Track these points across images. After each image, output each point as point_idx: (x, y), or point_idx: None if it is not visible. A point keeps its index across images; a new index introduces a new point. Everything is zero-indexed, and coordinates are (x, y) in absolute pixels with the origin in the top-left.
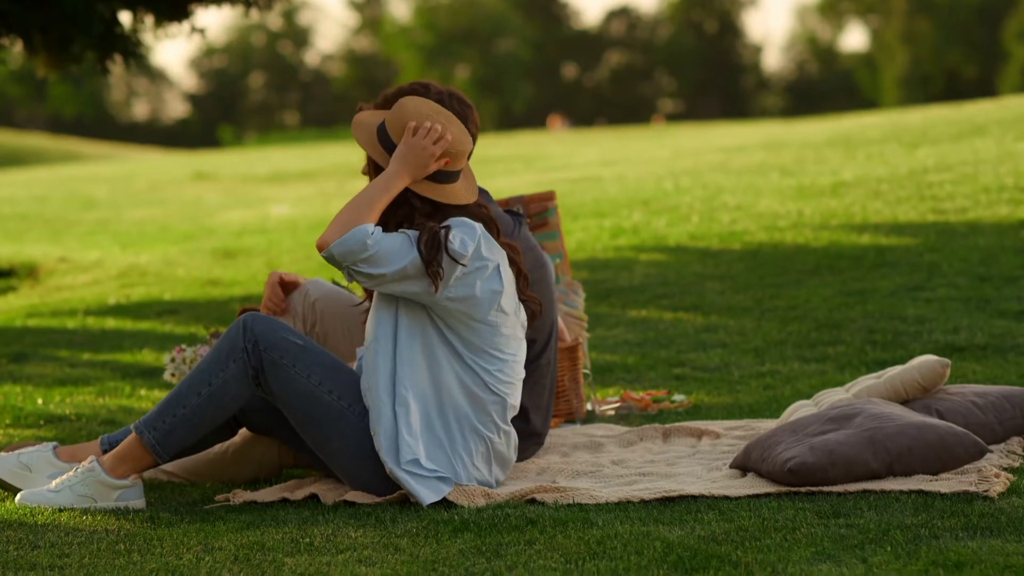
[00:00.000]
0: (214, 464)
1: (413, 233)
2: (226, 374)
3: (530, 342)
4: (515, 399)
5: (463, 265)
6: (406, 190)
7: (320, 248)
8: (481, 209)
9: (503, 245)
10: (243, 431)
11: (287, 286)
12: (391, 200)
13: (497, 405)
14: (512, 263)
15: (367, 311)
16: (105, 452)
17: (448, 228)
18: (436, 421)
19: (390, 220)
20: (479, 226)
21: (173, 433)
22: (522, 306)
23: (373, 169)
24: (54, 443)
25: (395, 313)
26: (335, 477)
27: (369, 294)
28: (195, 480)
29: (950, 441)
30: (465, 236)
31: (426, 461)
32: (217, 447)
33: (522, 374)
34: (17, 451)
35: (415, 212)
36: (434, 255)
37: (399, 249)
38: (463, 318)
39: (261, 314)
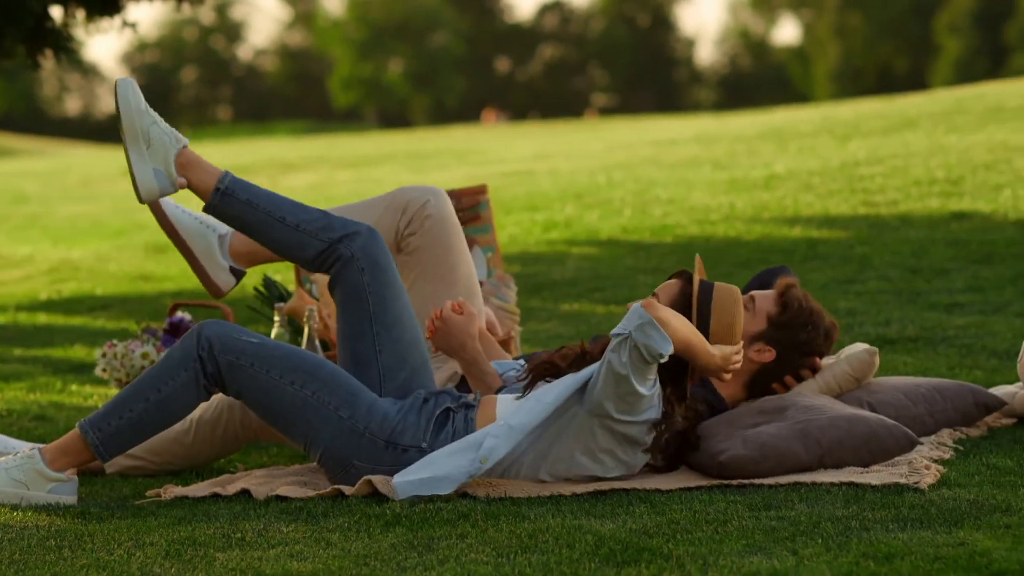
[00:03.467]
0: (177, 443)
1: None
2: (176, 382)
3: None
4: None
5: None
6: (691, 369)
7: (646, 306)
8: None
9: None
10: (204, 405)
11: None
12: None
13: None
14: None
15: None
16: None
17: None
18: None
19: (662, 370)
20: None
21: (117, 436)
22: None
23: (676, 297)
24: None
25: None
26: (277, 465)
27: (576, 364)
28: (158, 460)
29: (881, 433)
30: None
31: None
32: (179, 426)
33: None
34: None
35: (677, 390)
36: (664, 429)
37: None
38: (591, 431)
39: (214, 319)
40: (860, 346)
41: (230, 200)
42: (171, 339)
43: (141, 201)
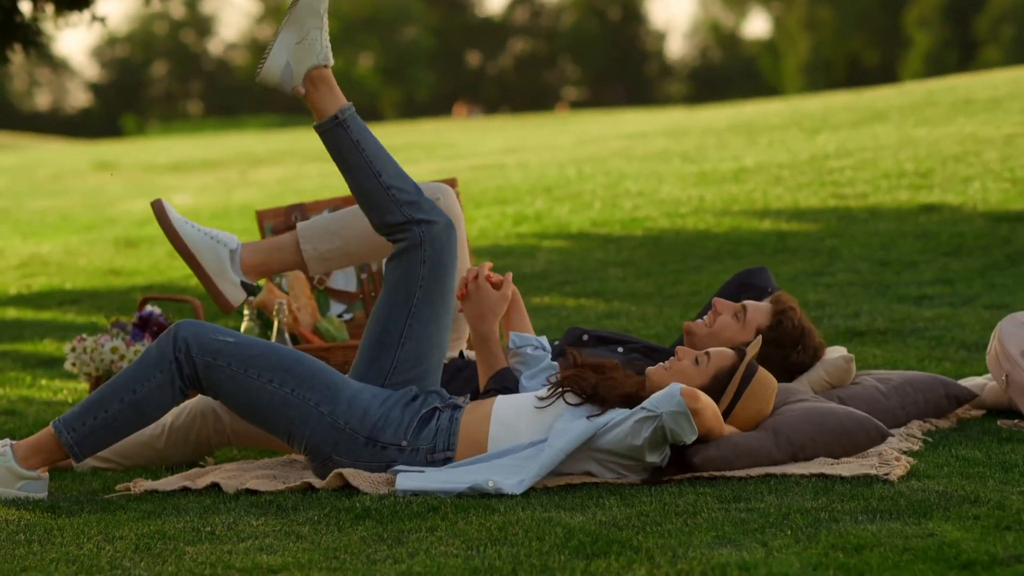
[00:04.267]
0: (148, 447)
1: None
2: (151, 384)
3: None
4: None
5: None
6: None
7: (687, 395)
8: None
9: None
10: (176, 411)
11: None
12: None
13: None
14: None
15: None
16: None
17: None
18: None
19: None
20: None
21: (91, 436)
22: None
23: (725, 370)
24: None
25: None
26: (247, 459)
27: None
28: (128, 464)
29: (852, 427)
30: None
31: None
32: (151, 430)
33: None
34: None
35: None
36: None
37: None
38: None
39: (189, 320)
40: (837, 352)
41: (341, 133)
42: (140, 333)
43: (257, 78)
